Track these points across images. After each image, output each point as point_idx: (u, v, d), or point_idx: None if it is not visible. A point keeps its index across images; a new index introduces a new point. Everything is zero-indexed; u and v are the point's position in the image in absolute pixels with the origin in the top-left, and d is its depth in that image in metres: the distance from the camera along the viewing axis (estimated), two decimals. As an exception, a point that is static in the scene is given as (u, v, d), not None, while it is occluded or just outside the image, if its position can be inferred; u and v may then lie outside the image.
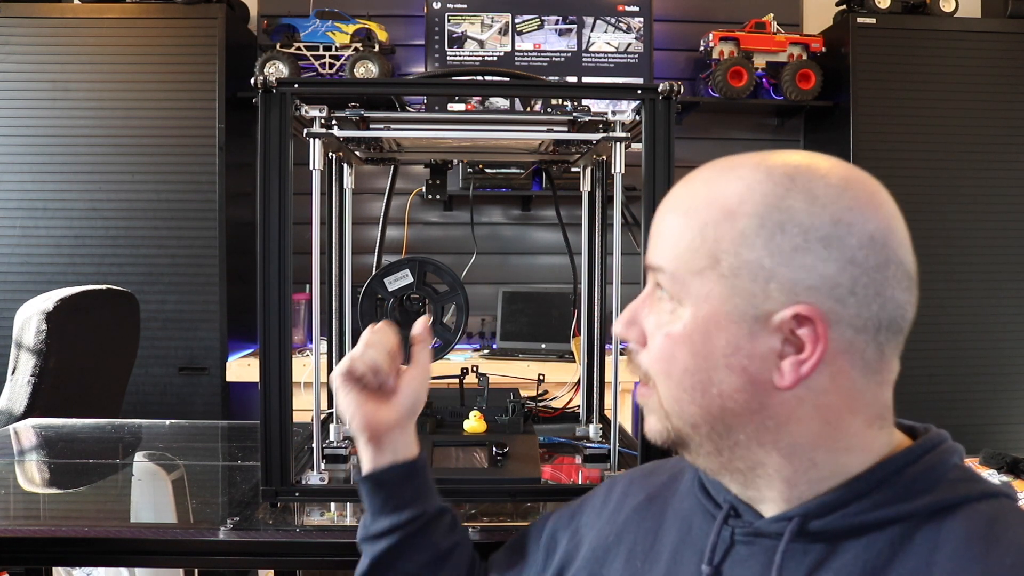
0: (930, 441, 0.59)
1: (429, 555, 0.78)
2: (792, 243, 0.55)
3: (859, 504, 0.56)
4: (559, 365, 2.59)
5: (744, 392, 0.57)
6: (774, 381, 0.56)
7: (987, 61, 2.91)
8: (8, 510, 1.06)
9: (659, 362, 0.60)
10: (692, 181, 0.62)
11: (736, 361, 0.57)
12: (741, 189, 0.58)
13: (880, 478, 0.57)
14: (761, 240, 0.56)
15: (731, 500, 0.63)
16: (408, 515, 0.77)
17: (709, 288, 0.57)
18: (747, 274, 0.56)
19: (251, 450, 1.31)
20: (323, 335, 1.31)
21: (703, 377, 0.58)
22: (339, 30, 2.85)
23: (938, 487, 0.56)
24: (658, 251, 0.61)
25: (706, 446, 0.60)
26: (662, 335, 0.60)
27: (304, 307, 2.93)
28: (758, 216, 0.56)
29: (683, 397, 0.59)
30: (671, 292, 0.59)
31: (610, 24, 3.01)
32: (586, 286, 1.35)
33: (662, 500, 0.72)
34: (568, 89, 1.83)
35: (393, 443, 0.78)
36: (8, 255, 2.71)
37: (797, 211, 0.56)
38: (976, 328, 2.91)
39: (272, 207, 0.95)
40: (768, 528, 0.59)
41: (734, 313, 0.56)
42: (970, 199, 2.91)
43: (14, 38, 2.71)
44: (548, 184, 2.90)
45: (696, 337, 0.58)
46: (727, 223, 0.57)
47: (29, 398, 1.90)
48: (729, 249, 0.56)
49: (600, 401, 1.30)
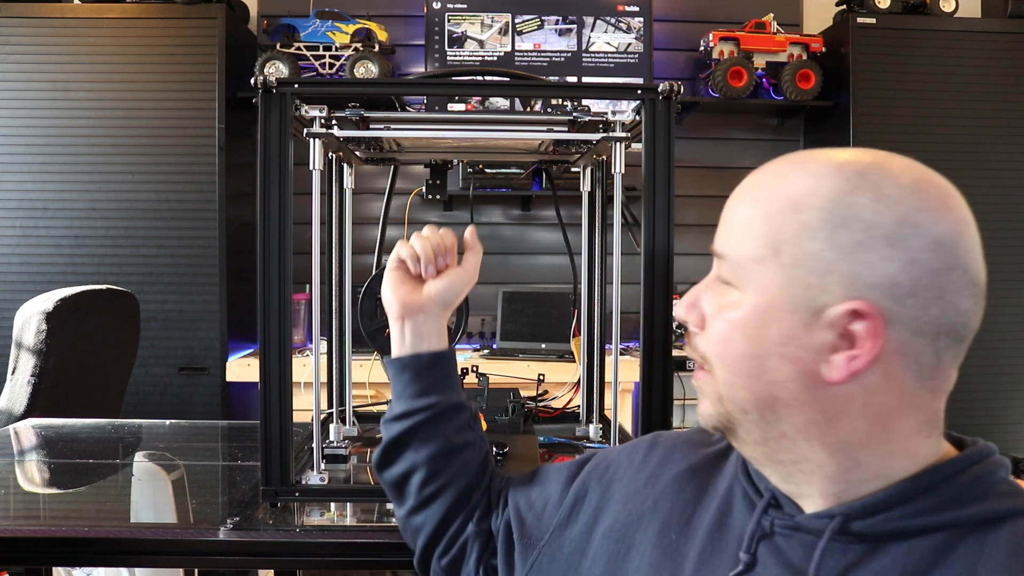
0: (978, 452, 0.59)
1: (437, 447, 0.81)
2: (854, 239, 0.55)
3: (904, 508, 0.56)
4: (559, 365, 2.59)
5: (794, 382, 0.57)
6: (824, 375, 0.56)
7: (987, 61, 2.91)
8: (8, 510, 1.06)
9: (716, 345, 0.61)
10: (763, 172, 0.63)
11: (789, 351, 0.57)
12: (810, 183, 0.58)
13: (926, 485, 0.57)
14: (824, 233, 0.56)
15: (773, 490, 0.63)
16: (422, 403, 0.82)
17: (769, 277, 0.58)
18: (807, 265, 0.56)
19: (251, 450, 1.31)
20: (323, 335, 1.31)
21: (756, 364, 0.59)
22: (339, 30, 2.85)
23: (985, 498, 0.56)
24: (723, 238, 0.62)
25: (753, 434, 0.61)
26: (721, 319, 0.61)
27: (304, 307, 2.93)
28: (823, 209, 0.56)
29: (736, 382, 0.60)
30: (732, 278, 0.60)
31: (610, 24, 3.01)
32: (586, 286, 1.35)
33: (705, 475, 0.71)
34: (568, 89, 1.83)
35: (419, 330, 0.84)
36: (8, 255, 2.71)
37: (863, 208, 0.55)
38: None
39: (272, 207, 0.95)
40: (809, 524, 0.59)
41: (791, 303, 0.57)
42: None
43: (14, 38, 2.71)
44: (548, 184, 2.90)
45: (752, 324, 0.59)
46: (792, 214, 0.57)
47: (29, 398, 1.89)
48: (791, 239, 0.57)
49: (600, 401, 1.30)
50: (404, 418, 0.82)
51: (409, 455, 0.82)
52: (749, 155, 3.23)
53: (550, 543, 0.76)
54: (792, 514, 0.61)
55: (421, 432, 0.82)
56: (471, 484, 0.83)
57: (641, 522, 0.71)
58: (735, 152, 3.23)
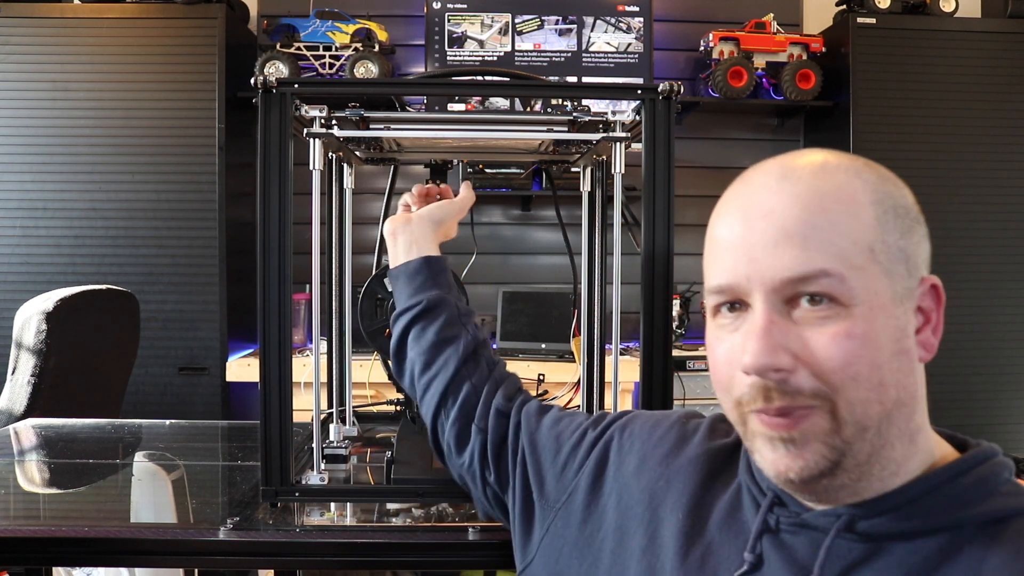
0: (983, 454, 0.60)
1: (427, 341, 0.92)
2: (906, 224, 0.59)
3: (910, 509, 0.57)
4: (559, 365, 2.59)
5: (910, 376, 0.58)
6: (921, 357, 0.59)
7: (987, 61, 2.91)
8: (8, 510, 1.06)
9: (846, 368, 0.55)
10: (789, 188, 0.58)
11: (903, 345, 0.58)
12: (847, 181, 0.59)
13: (932, 485, 0.57)
14: (892, 224, 0.58)
15: (775, 488, 0.62)
16: (411, 303, 0.94)
17: (875, 280, 0.57)
18: (894, 257, 0.58)
19: (251, 450, 1.31)
20: (323, 335, 1.31)
21: (885, 371, 0.56)
22: (339, 30, 2.85)
23: (989, 499, 0.56)
24: (807, 258, 0.56)
25: (862, 454, 0.57)
26: (841, 339, 0.55)
27: (304, 307, 2.93)
28: (879, 203, 0.58)
29: (869, 398, 0.56)
30: (834, 293, 0.56)
31: (610, 24, 3.01)
32: (586, 286, 1.35)
33: (720, 464, 0.71)
34: (568, 89, 1.83)
35: (408, 240, 0.98)
36: (8, 255, 2.71)
37: (895, 195, 0.60)
38: (976, 328, 2.91)
39: (272, 207, 0.95)
40: (816, 521, 0.59)
41: (894, 298, 0.57)
42: (970, 199, 2.91)
43: (14, 38, 2.71)
44: (548, 184, 2.90)
45: (872, 331, 0.56)
46: (863, 213, 0.58)
47: (29, 398, 1.89)
48: (877, 237, 0.57)
49: (600, 401, 1.30)
50: (399, 318, 0.95)
51: (408, 352, 0.94)
52: (749, 155, 3.22)
53: (566, 506, 0.77)
54: (798, 511, 0.61)
55: (413, 329, 0.94)
56: (460, 374, 0.90)
57: (653, 500, 0.71)
58: (735, 152, 3.23)
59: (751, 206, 0.60)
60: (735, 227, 0.60)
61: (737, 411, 0.60)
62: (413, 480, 1.00)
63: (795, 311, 0.57)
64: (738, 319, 0.60)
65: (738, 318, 0.60)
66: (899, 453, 0.58)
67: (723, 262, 0.60)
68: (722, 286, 0.60)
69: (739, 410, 0.60)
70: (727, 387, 0.61)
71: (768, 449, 0.58)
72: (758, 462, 0.60)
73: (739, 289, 0.59)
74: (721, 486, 0.69)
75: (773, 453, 0.58)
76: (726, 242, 0.60)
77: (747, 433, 0.60)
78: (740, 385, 0.59)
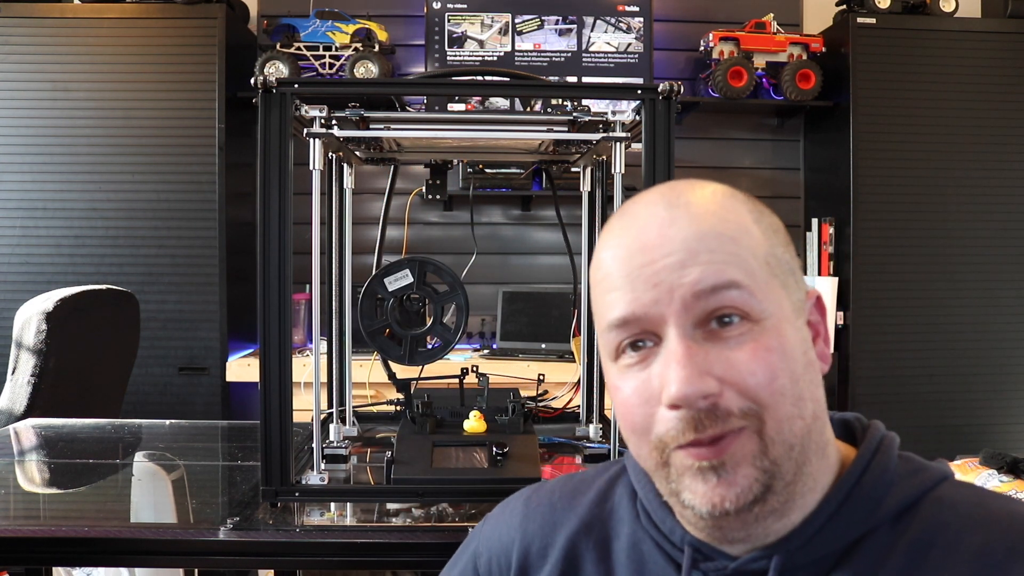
0: (874, 440, 0.60)
1: None
2: (783, 239, 0.60)
3: (833, 527, 0.56)
4: (559, 365, 2.59)
5: (819, 388, 0.58)
6: (822, 369, 0.58)
7: (987, 61, 2.91)
8: (8, 510, 1.06)
9: (767, 386, 0.53)
10: (679, 213, 0.57)
11: (809, 357, 0.57)
12: (730, 202, 0.59)
13: (845, 494, 0.57)
14: (775, 238, 0.59)
15: (691, 541, 0.59)
16: None
17: (774, 292, 0.56)
18: (786, 270, 0.58)
19: (251, 450, 1.31)
20: (323, 335, 1.31)
21: (801, 385, 0.55)
22: (339, 30, 2.85)
23: (892, 489, 0.57)
24: (716, 270, 0.54)
25: (788, 475, 0.54)
26: (762, 353, 0.54)
27: (304, 307, 2.93)
28: (759, 221, 0.59)
29: (792, 413, 0.54)
30: (745, 308, 0.54)
31: (610, 24, 3.01)
32: (586, 286, 1.35)
33: (601, 527, 0.66)
34: (568, 89, 1.83)
35: None
36: (8, 255, 2.71)
37: (766, 213, 0.60)
38: (976, 328, 2.91)
39: (272, 207, 0.95)
40: (749, 567, 0.57)
41: (794, 310, 0.57)
42: (970, 199, 2.91)
43: (14, 38, 2.71)
44: (548, 184, 2.90)
45: (785, 345, 0.55)
46: (752, 229, 0.57)
47: (29, 398, 1.89)
48: (769, 251, 0.57)
49: (600, 401, 1.30)
50: None
51: None
52: (749, 155, 3.23)
53: None
54: (726, 564, 0.58)
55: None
56: None
57: None
58: (735, 152, 3.23)
59: (643, 236, 0.57)
60: (633, 258, 0.56)
61: (657, 453, 0.56)
62: (413, 480, 1.00)
63: (706, 334, 0.54)
64: (645, 356, 0.56)
65: (645, 355, 0.56)
66: (815, 468, 0.57)
67: (623, 293, 0.56)
68: (625, 317, 0.56)
69: (660, 451, 0.55)
70: (643, 428, 0.56)
71: (699, 483, 0.54)
72: (688, 501, 0.55)
73: (645, 319, 0.55)
74: (616, 551, 0.64)
75: (705, 485, 0.54)
76: (623, 274, 0.57)
77: (669, 475, 0.56)
78: (662, 422, 0.55)
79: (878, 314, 2.88)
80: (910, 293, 2.88)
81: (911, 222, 2.88)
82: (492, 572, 0.69)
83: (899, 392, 2.88)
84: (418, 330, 1.16)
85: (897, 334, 2.88)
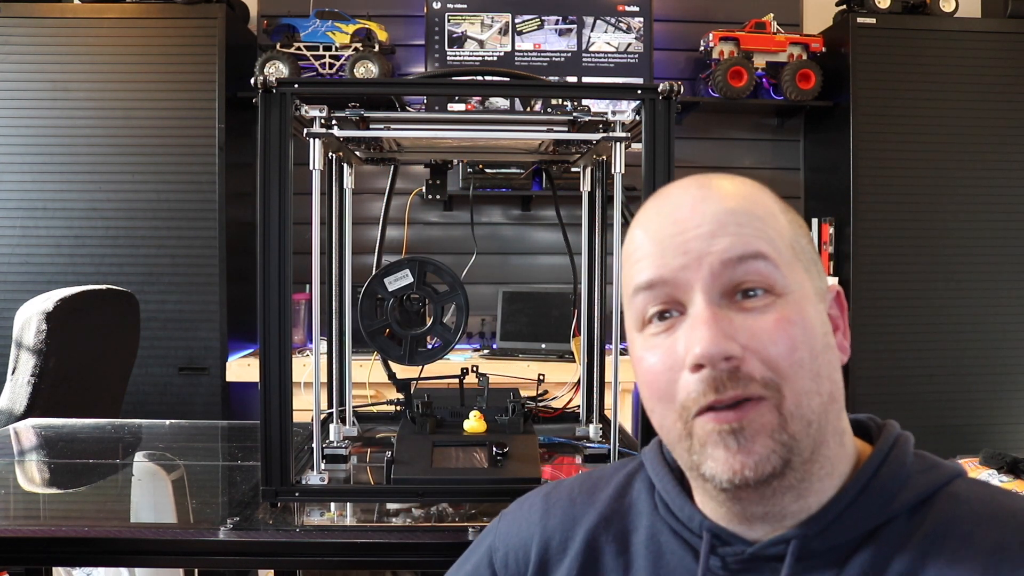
0: (891, 436, 0.61)
1: None
2: (806, 233, 0.62)
3: (850, 515, 0.57)
4: (559, 365, 2.59)
5: (838, 372, 0.59)
6: (843, 359, 0.60)
7: (987, 61, 2.91)
8: (8, 510, 1.06)
9: (788, 356, 0.55)
10: (712, 193, 0.60)
11: (829, 340, 0.59)
12: (758, 190, 0.62)
13: (862, 484, 0.58)
14: (800, 231, 0.61)
15: (710, 526, 0.60)
16: None
17: (797, 272, 0.58)
18: (809, 259, 0.60)
19: (251, 450, 1.31)
20: (323, 335, 1.31)
21: (820, 362, 0.56)
22: (339, 30, 2.85)
23: (909, 482, 0.58)
24: (744, 241, 0.57)
25: (806, 452, 0.56)
26: (784, 324, 0.55)
27: (304, 307, 2.93)
28: (785, 212, 0.62)
29: (811, 388, 0.55)
30: (770, 280, 0.56)
31: (610, 24, 3.01)
32: (586, 286, 1.35)
33: (620, 521, 0.67)
34: (568, 89, 1.83)
35: None
36: (8, 255, 2.71)
37: (788, 209, 0.63)
38: (976, 328, 2.91)
39: (272, 207, 0.95)
40: (766, 552, 0.57)
41: (816, 294, 0.59)
42: (970, 199, 2.91)
43: (14, 38, 2.71)
44: (548, 184, 2.90)
45: (806, 318, 0.57)
46: (779, 216, 0.60)
47: (29, 398, 1.89)
48: (794, 238, 0.60)
49: (600, 401, 1.30)
50: None
51: None
52: (749, 155, 3.23)
53: None
54: (743, 548, 0.58)
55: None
56: None
57: None
58: (735, 152, 3.23)
59: (677, 212, 0.59)
60: (664, 227, 0.59)
61: (681, 422, 0.57)
62: (413, 480, 1.00)
63: (732, 305, 0.56)
64: (671, 324, 0.58)
65: (671, 324, 0.58)
66: (833, 452, 0.58)
67: (652, 259, 0.58)
68: (652, 280, 0.58)
69: (683, 418, 0.57)
70: (667, 395, 0.57)
71: (720, 449, 0.55)
72: (709, 471, 0.56)
73: (672, 283, 0.57)
74: (634, 544, 0.65)
75: (726, 452, 0.55)
76: (654, 241, 0.59)
77: (692, 447, 0.57)
78: (685, 387, 0.56)
79: (878, 314, 2.88)
80: (910, 293, 2.88)
81: (911, 222, 2.88)
82: (509, 567, 0.70)
83: (899, 392, 2.88)
84: (418, 330, 1.16)
85: (897, 334, 2.88)
